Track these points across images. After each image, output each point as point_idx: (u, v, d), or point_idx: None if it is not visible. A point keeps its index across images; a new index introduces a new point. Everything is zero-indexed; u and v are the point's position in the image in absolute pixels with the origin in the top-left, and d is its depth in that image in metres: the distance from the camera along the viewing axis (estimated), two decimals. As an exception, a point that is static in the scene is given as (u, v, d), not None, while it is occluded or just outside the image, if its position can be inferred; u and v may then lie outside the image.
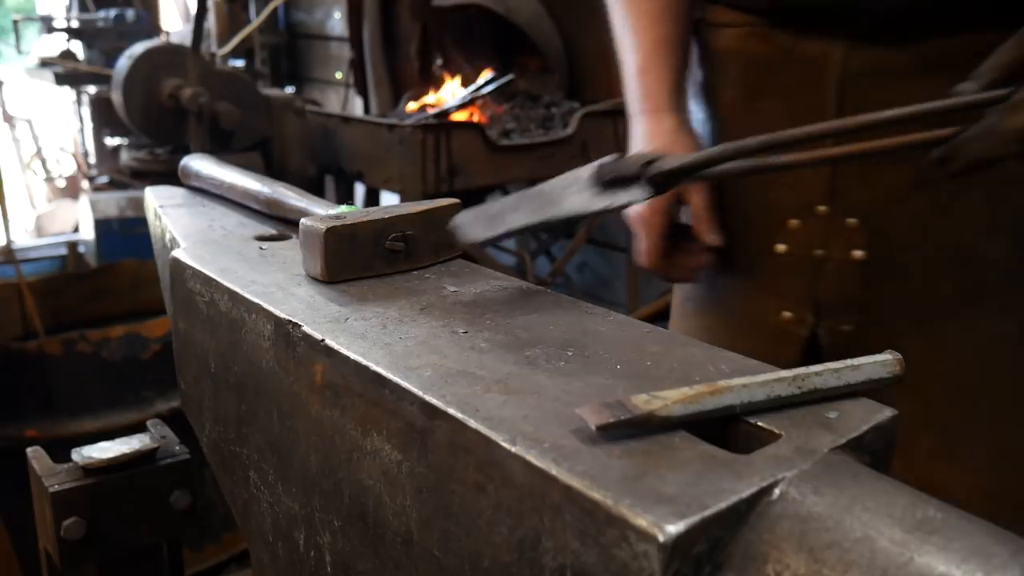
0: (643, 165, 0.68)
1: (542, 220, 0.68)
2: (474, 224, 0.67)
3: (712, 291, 1.18)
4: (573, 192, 0.69)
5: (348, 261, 0.75)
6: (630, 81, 1.14)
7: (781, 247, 1.07)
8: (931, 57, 0.94)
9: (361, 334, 0.63)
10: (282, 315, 0.67)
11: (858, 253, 1.02)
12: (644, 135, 1.10)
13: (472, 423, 0.50)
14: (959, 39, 0.92)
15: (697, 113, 1.15)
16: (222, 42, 4.15)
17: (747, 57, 1.05)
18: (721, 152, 0.70)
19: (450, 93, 3.42)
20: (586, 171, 0.70)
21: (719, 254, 1.13)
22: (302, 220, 0.76)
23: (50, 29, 4.59)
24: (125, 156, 3.36)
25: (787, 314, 1.08)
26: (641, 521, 0.41)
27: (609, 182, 0.68)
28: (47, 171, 6.41)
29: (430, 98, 3.45)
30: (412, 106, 3.44)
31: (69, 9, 4.90)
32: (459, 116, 3.05)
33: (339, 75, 4.57)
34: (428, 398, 0.54)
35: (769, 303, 1.10)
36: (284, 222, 0.94)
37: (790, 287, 1.07)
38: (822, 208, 1.03)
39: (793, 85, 1.02)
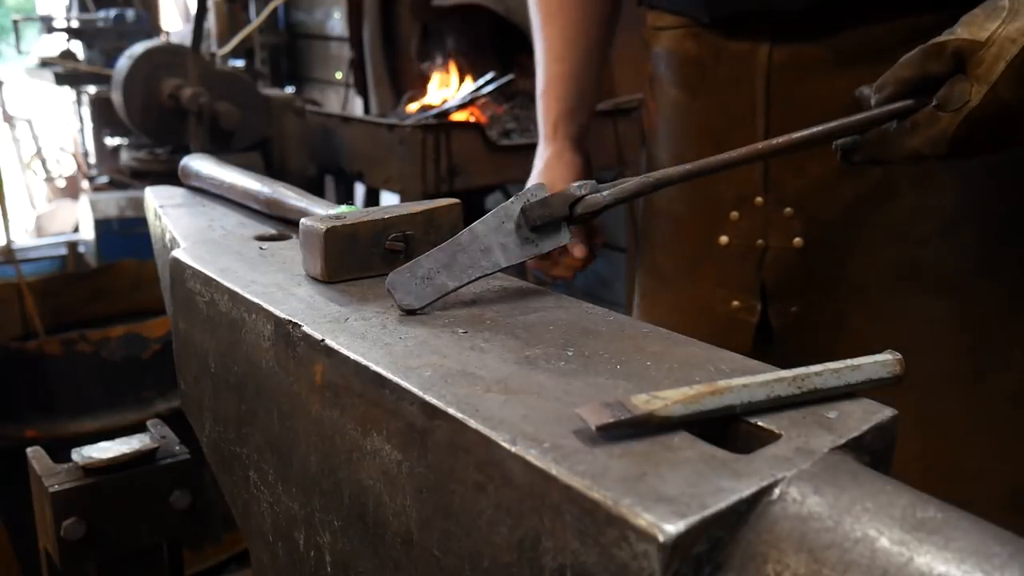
0: (571, 206, 0.71)
1: (473, 279, 0.70)
2: (408, 287, 0.68)
3: (662, 285, 1.24)
4: (501, 237, 0.71)
5: (348, 261, 0.75)
6: (537, 103, 1.29)
7: (724, 239, 1.12)
8: (846, 50, 1.00)
9: (361, 334, 0.63)
10: (282, 315, 0.67)
11: (797, 240, 1.07)
12: (537, 156, 1.27)
13: (472, 423, 0.50)
14: (869, 31, 0.98)
15: (654, 109, 1.24)
16: (222, 42, 4.14)
17: (683, 57, 1.13)
18: (642, 185, 0.75)
19: (450, 93, 3.42)
20: (514, 210, 0.72)
21: (669, 247, 1.22)
22: (302, 220, 0.76)
23: (50, 29, 4.58)
24: (125, 156, 3.35)
25: (735, 303, 1.13)
26: (641, 521, 0.41)
27: (538, 226, 0.71)
28: (47, 171, 6.41)
29: (430, 98, 3.45)
30: (412, 106, 3.43)
31: (69, 9, 4.90)
32: (459, 116, 3.05)
33: (339, 75, 4.57)
34: (428, 398, 0.54)
35: (717, 293, 1.15)
36: (284, 222, 0.94)
37: (736, 277, 1.13)
38: (759, 200, 1.08)
39: (725, 82, 1.08)
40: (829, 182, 1.03)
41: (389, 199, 3.51)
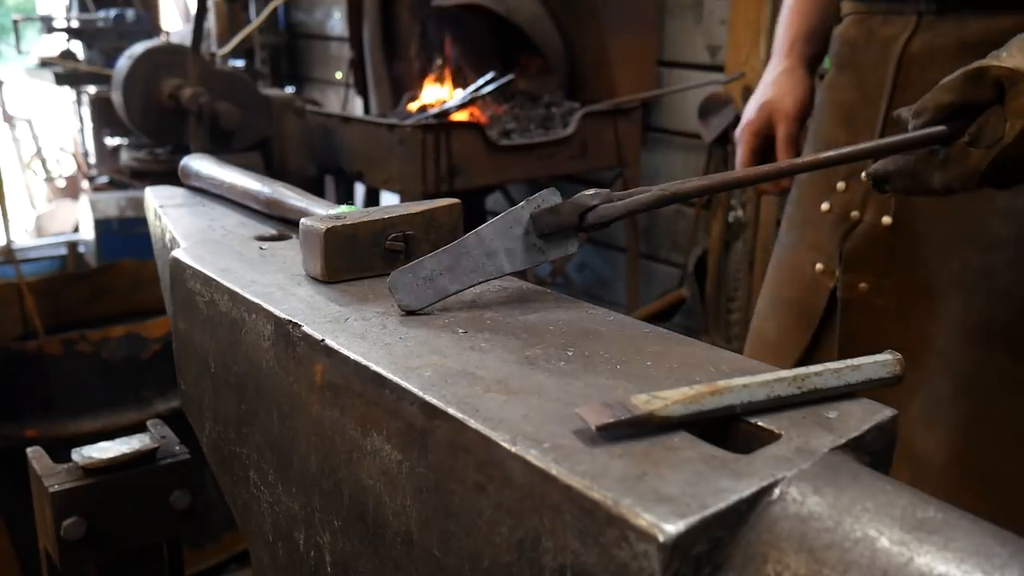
0: (581, 215, 0.70)
1: (475, 283, 0.70)
2: (409, 287, 0.68)
3: (781, 243, 1.34)
4: (508, 242, 0.70)
5: (348, 261, 0.75)
6: (779, 23, 1.37)
7: (826, 205, 1.19)
8: (971, 40, 1.03)
9: (361, 334, 0.63)
10: (282, 315, 0.67)
11: (886, 219, 1.11)
12: (767, 71, 1.33)
13: (472, 423, 0.50)
14: (997, 21, 1.00)
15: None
16: (222, 42, 4.14)
17: (844, 39, 1.21)
18: (656, 198, 0.71)
19: (449, 93, 3.42)
20: (523, 216, 0.70)
21: (793, 207, 1.31)
22: (302, 220, 0.76)
23: (50, 29, 4.58)
24: (125, 156, 3.35)
25: (819, 265, 1.21)
26: (641, 521, 0.41)
27: (546, 234, 0.70)
28: (47, 171, 6.41)
29: (430, 98, 3.45)
30: (412, 106, 3.43)
31: (69, 9, 4.89)
32: (459, 116, 3.05)
33: (339, 75, 4.57)
34: (428, 398, 0.53)
35: (808, 254, 1.23)
36: (284, 222, 0.94)
37: (826, 242, 1.20)
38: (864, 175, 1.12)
39: (868, 63, 1.15)
40: None
41: (389, 199, 3.51)
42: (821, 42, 1.32)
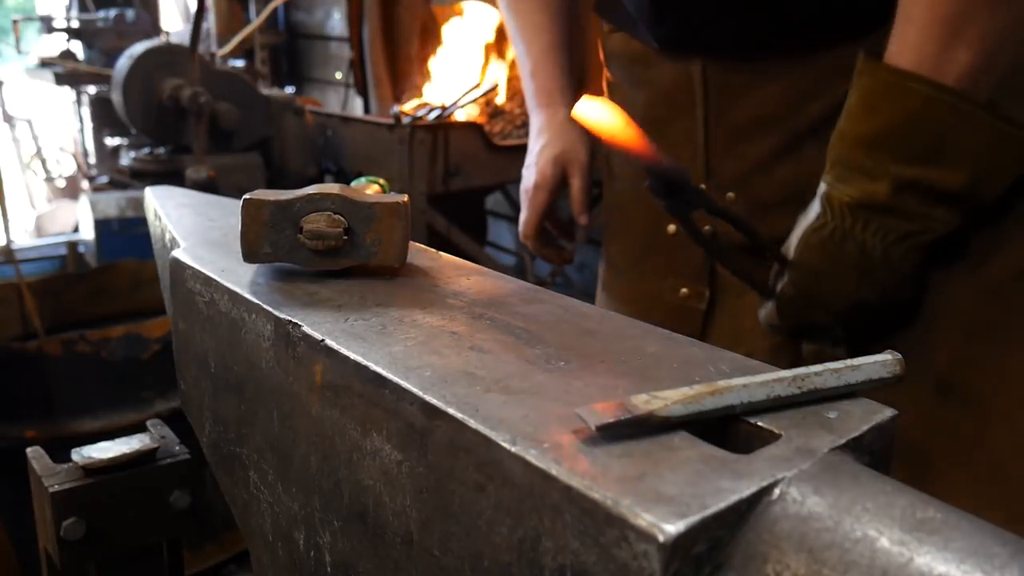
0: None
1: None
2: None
3: (616, 276, 1.27)
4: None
5: (268, 240, 0.74)
6: (525, 82, 1.28)
7: (672, 227, 1.13)
8: (767, 70, 1.04)
9: (361, 334, 0.63)
10: (282, 315, 0.67)
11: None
12: (539, 127, 1.24)
13: (472, 423, 0.50)
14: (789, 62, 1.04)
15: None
16: (222, 42, 4.15)
17: (630, 56, 1.17)
18: None
19: (449, 93, 3.42)
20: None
21: (620, 238, 1.25)
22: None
23: (50, 29, 4.58)
24: (125, 156, 3.35)
25: (684, 291, 1.14)
26: (641, 521, 0.41)
27: None
28: (47, 171, 6.41)
29: (430, 98, 3.45)
30: (411, 105, 3.43)
31: (69, 9, 4.89)
32: (459, 116, 3.05)
33: (339, 75, 4.57)
34: (428, 398, 0.53)
35: (666, 282, 1.16)
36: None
37: (685, 265, 1.14)
38: (702, 186, 1.09)
39: (667, 75, 1.12)
40: (766, 164, 1.05)
41: (389, 199, 3.50)
42: (579, 77, 1.27)
